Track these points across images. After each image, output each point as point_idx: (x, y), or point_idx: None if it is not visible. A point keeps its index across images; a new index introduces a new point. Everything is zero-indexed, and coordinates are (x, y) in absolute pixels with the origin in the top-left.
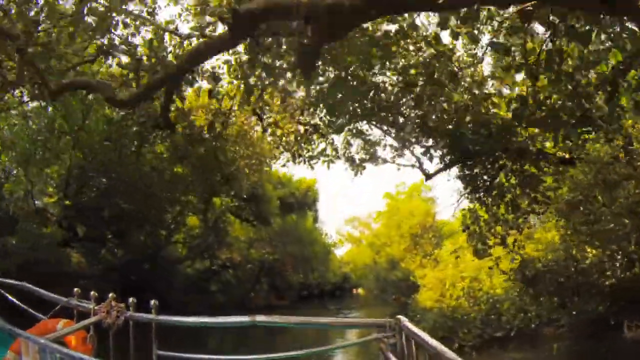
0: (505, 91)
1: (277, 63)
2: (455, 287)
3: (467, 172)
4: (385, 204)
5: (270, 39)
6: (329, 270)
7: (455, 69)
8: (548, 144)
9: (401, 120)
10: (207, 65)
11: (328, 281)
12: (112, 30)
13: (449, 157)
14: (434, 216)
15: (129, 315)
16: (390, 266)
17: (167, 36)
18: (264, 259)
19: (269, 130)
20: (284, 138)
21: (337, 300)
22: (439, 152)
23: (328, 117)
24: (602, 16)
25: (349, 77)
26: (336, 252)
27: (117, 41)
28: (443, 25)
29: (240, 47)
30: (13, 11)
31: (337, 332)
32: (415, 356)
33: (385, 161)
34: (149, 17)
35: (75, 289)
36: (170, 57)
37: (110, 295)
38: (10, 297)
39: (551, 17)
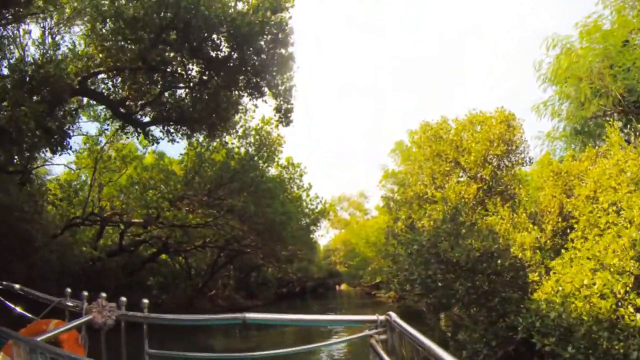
0: None
1: None
2: None
3: None
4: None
5: None
6: (313, 262)
7: None
8: None
9: None
10: None
11: (311, 275)
12: None
13: None
14: (521, 130)
15: (120, 314)
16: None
17: None
18: (200, 229)
19: None
20: None
21: (324, 299)
22: None
23: None
24: None
25: None
26: (319, 237)
27: None
28: None
29: None
30: None
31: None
32: (405, 352)
33: None
34: None
35: (67, 289)
36: None
37: (102, 294)
38: (1, 298)
39: None
